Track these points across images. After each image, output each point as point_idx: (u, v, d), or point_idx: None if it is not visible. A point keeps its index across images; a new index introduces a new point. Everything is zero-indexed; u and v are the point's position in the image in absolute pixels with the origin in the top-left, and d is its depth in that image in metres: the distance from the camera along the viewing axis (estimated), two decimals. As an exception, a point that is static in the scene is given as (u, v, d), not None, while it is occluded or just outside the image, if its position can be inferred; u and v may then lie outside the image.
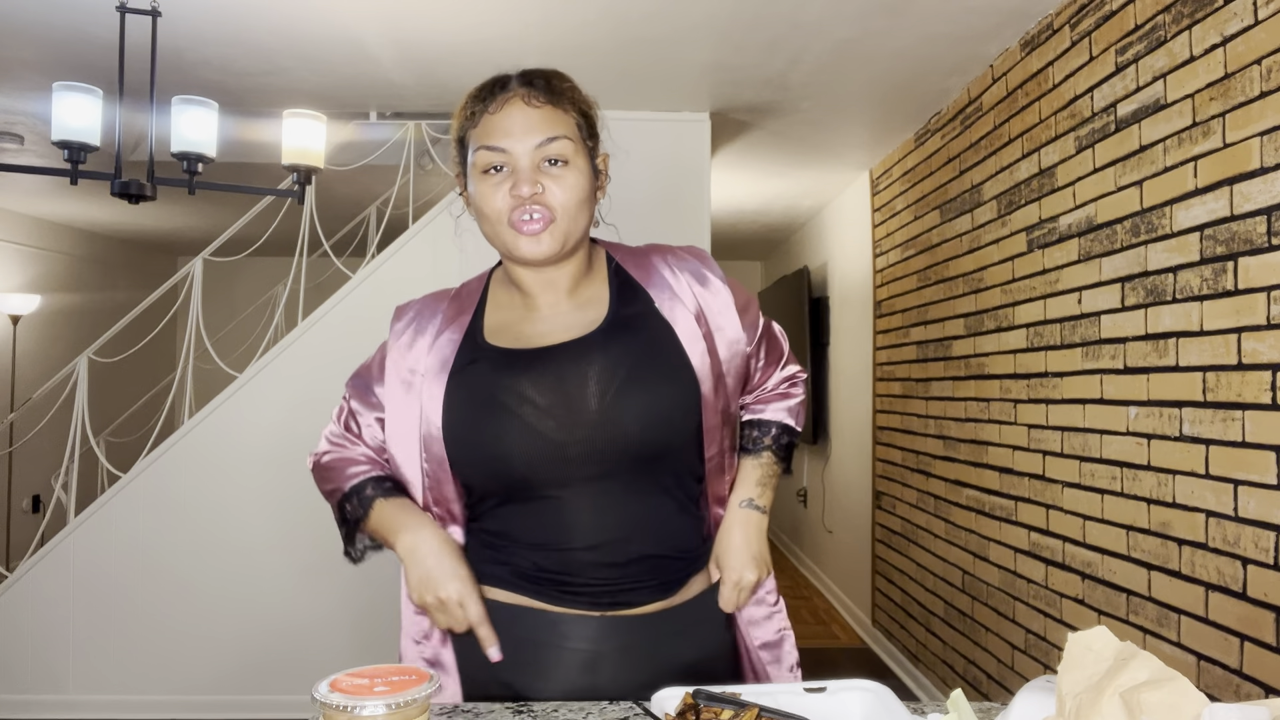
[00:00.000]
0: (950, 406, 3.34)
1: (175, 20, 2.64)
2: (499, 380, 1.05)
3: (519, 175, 1.02)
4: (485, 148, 1.04)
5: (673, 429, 1.06)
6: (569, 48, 2.94)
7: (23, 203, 5.41)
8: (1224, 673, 1.83)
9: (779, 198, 5.20)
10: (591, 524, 1.05)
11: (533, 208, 1.02)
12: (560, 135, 1.04)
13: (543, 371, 1.05)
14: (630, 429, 1.03)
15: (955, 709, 0.76)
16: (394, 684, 0.71)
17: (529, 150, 1.03)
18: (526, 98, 1.04)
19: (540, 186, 1.02)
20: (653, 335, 1.08)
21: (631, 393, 1.04)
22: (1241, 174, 1.80)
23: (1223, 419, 1.85)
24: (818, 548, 5.71)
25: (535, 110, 1.04)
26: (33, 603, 3.48)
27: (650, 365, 1.06)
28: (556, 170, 1.04)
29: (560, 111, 1.06)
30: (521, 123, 1.03)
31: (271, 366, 3.55)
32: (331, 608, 3.50)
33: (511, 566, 1.07)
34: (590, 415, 1.03)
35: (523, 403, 1.03)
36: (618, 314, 1.10)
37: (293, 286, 3.86)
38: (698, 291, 1.12)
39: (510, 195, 1.03)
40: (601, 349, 1.06)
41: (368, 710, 0.68)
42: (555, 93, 1.06)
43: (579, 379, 1.04)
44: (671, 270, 1.14)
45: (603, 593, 1.06)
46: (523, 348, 1.08)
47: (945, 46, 2.89)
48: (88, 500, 3.65)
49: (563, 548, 1.05)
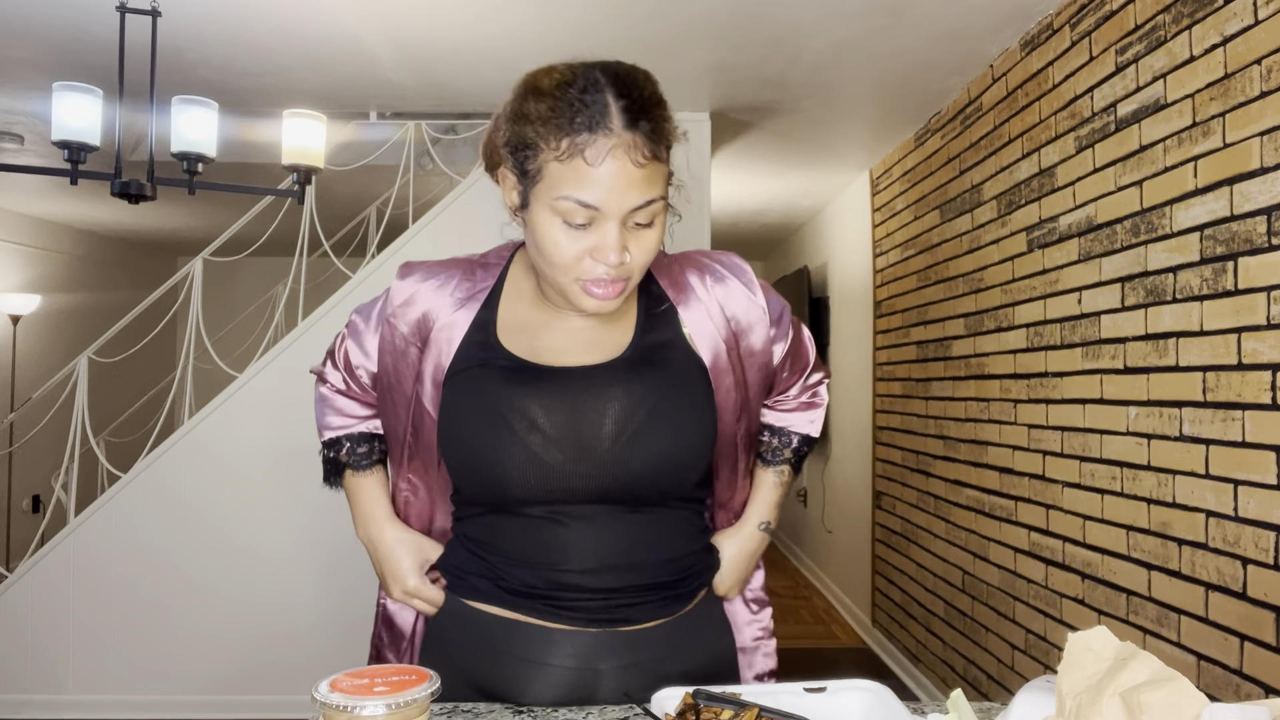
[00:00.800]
0: (950, 406, 3.34)
1: (175, 20, 2.64)
2: (508, 397, 0.98)
3: (606, 238, 0.91)
4: (576, 201, 0.89)
5: (681, 473, 1.02)
6: (568, 47, 2.92)
7: (23, 203, 5.41)
8: (1224, 673, 1.83)
9: (779, 198, 5.20)
10: (587, 548, 1.00)
11: (614, 273, 0.93)
12: (657, 197, 0.92)
13: (559, 398, 0.98)
14: (639, 469, 0.99)
15: (955, 709, 0.76)
16: (394, 684, 0.70)
17: (624, 212, 0.90)
18: (631, 151, 0.89)
19: (627, 255, 0.92)
20: (678, 371, 1.02)
21: (648, 435, 0.98)
22: (1241, 174, 1.80)
23: (1223, 419, 1.85)
24: (818, 548, 5.71)
25: (639, 170, 0.89)
26: (33, 603, 3.48)
27: (672, 406, 1.00)
28: (643, 231, 0.93)
29: (660, 164, 0.93)
30: (623, 183, 0.89)
31: (271, 366, 3.55)
32: (332, 608, 3.50)
33: (496, 581, 1.03)
34: (601, 453, 0.98)
35: (531, 429, 0.97)
36: (644, 340, 1.03)
37: (293, 286, 3.86)
38: (732, 313, 1.06)
39: (592, 259, 0.92)
40: (624, 383, 1.00)
41: (368, 710, 0.67)
42: (658, 141, 0.92)
43: (596, 414, 0.98)
44: (706, 288, 1.06)
45: (600, 609, 1.01)
46: (538, 362, 1.00)
47: (945, 46, 2.89)
48: (88, 500, 3.65)
49: (555, 568, 1.00)
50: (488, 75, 3.21)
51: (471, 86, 3.34)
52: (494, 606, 1.03)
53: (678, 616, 1.06)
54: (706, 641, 1.10)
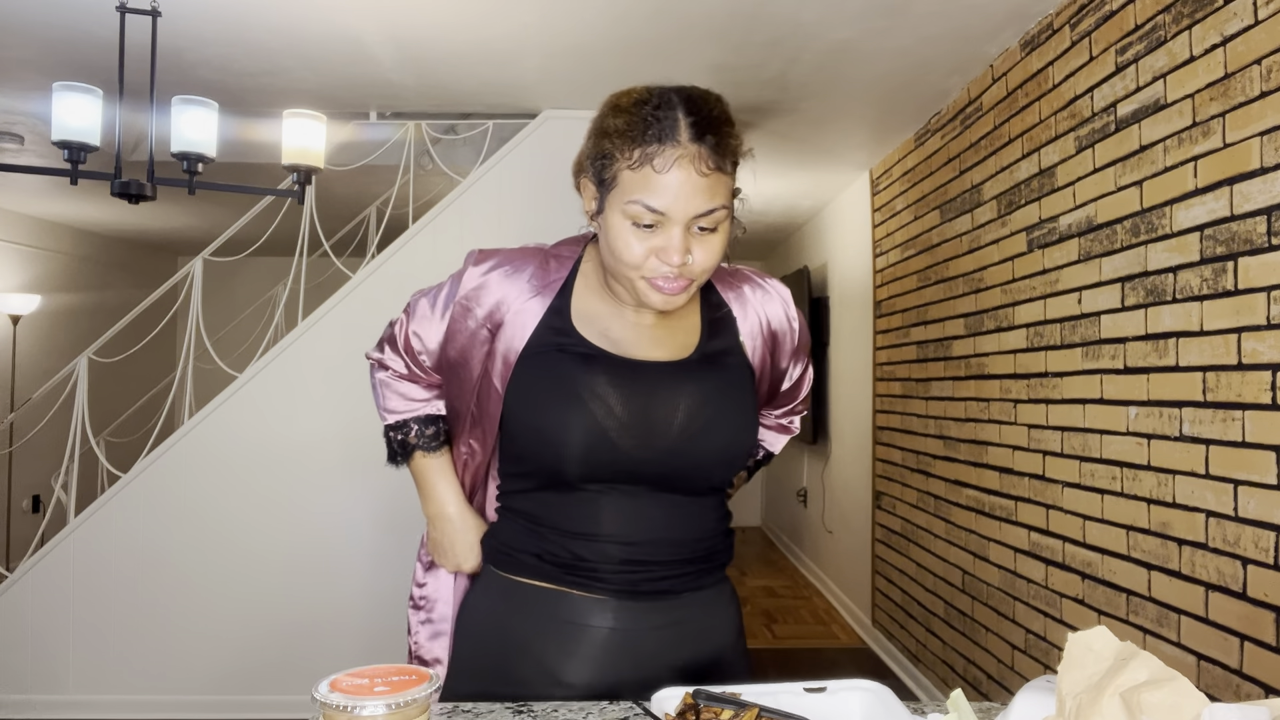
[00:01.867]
0: (950, 406, 3.34)
1: (175, 20, 2.64)
2: (588, 381, 1.06)
3: (670, 240, 0.99)
4: (644, 205, 0.98)
5: (732, 466, 1.12)
6: (568, 48, 2.94)
7: (23, 203, 5.41)
8: (1224, 673, 1.83)
9: (779, 198, 5.21)
10: (633, 523, 1.08)
11: (678, 273, 1.01)
12: (720, 206, 1.00)
13: (637, 387, 1.07)
14: (700, 460, 1.08)
15: (955, 709, 0.76)
16: (394, 684, 0.71)
17: (688, 218, 0.99)
18: (696, 162, 0.98)
19: (690, 257, 1.00)
20: (736, 375, 1.13)
21: (711, 430, 1.08)
22: (1241, 174, 1.80)
23: (1223, 419, 1.85)
24: (818, 548, 5.71)
25: (702, 179, 0.98)
26: (33, 603, 3.48)
27: (733, 405, 1.11)
28: (707, 237, 1.01)
29: (724, 176, 1.01)
30: (688, 190, 0.98)
31: (271, 366, 3.55)
32: (332, 608, 3.50)
33: (542, 555, 1.09)
34: (669, 442, 1.06)
35: (608, 413, 1.05)
36: (709, 344, 1.13)
37: (293, 286, 3.86)
38: (772, 328, 1.18)
39: (658, 259, 1.00)
40: (695, 381, 1.09)
41: (368, 710, 0.67)
42: (723, 154, 1.00)
43: (669, 406, 1.07)
44: (757, 300, 1.18)
45: (641, 581, 1.09)
46: (614, 352, 1.09)
47: (945, 46, 2.89)
48: (88, 500, 3.65)
49: (603, 539, 1.08)
50: (488, 76, 3.21)
51: (472, 87, 3.34)
52: (539, 580, 1.10)
53: (705, 589, 1.14)
54: (730, 615, 1.18)
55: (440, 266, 3.56)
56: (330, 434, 3.53)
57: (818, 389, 5.45)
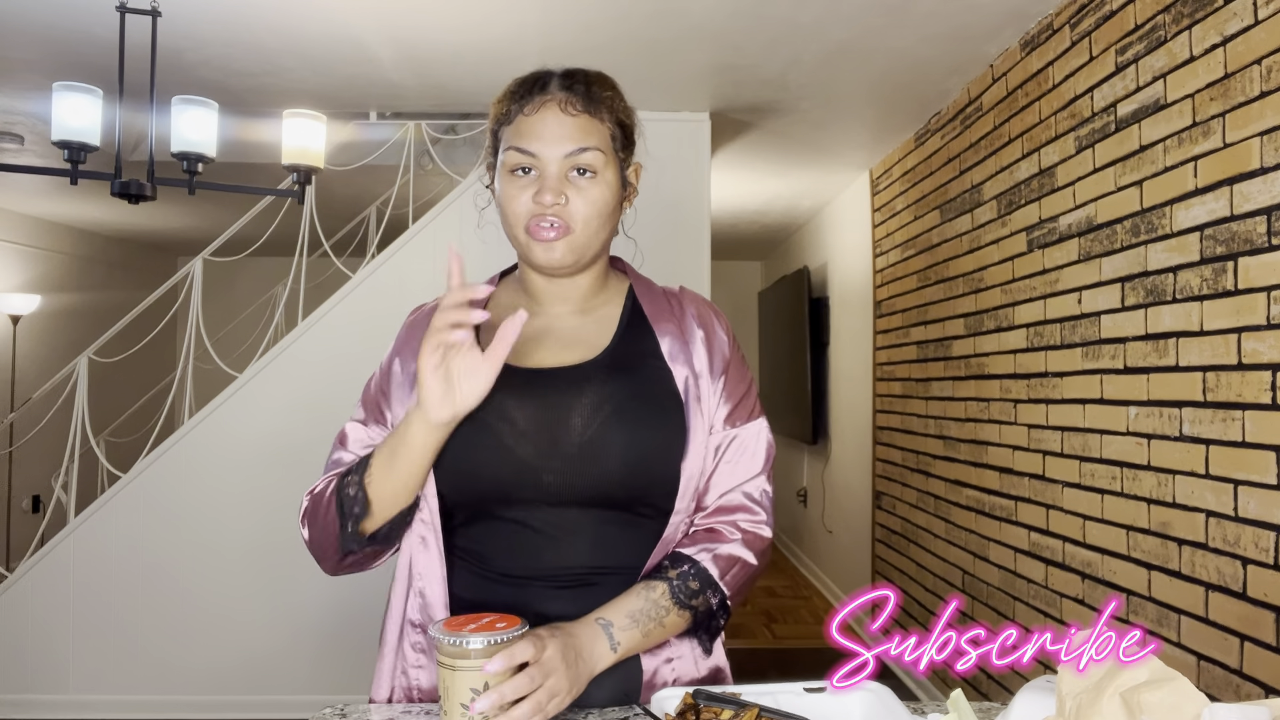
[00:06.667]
0: (950, 406, 3.34)
1: (175, 20, 2.64)
2: (487, 397, 0.97)
3: (545, 182, 1.00)
4: (516, 149, 1.01)
5: (650, 475, 1.02)
6: (569, 48, 2.94)
7: (23, 203, 5.41)
8: (1224, 673, 1.83)
9: (779, 198, 5.20)
10: (563, 552, 1.01)
11: (552, 217, 1.00)
12: (591, 146, 1.01)
13: (530, 395, 1.02)
14: (608, 467, 1.00)
15: (955, 709, 0.76)
16: (488, 625, 0.86)
17: (558, 158, 1.00)
18: (563, 103, 1.01)
19: (564, 198, 1.00)
20: (649, 376, 1.05)
21: (615, 432, 1.00)
22: (1241, 174, 1.80)
23: (1223, 419, 1.85)
24: (818, 548, 5.71)
25: (570, 118, 1.01)
26: (33, 603, 3.48)
27: (640, 405, 1.03)
28: (583, 181, 1.01)
29: (596, 121, 1.03)
30: (555, 129, 1.01)
31: (271, 367, 3.55)
32: (332, 608, 3.50)
33: (486, 587, 1.04)
34: (570, 448, 1.00)
35: (504, 423, 1.01)
36: (619, 349, 1.07)
37: (293, 286, 3.86)
38: (704, 348, 1.08)
39: (533, 201, 1.01)
40: (597, 381, 1.03)
41: (473, 643, 0.82)
42: (593, 100, 1.03)
43: (565, 409, 1.01)
44: (688, 317, 1.10)
45: (574, 613, 0.99)
46: (517, 364, 1.03)
47: (945, 46, 2.89)
48: (88, 500, 3.65)
49: (530, 575, 1.02)
50: (488, 75, 3.21)
51: (472, 87, 3.34)
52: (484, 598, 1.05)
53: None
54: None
55: (440, 266, 3.55)
56: (330, 434, 3.48)
57: (817, 389, 5.45)
